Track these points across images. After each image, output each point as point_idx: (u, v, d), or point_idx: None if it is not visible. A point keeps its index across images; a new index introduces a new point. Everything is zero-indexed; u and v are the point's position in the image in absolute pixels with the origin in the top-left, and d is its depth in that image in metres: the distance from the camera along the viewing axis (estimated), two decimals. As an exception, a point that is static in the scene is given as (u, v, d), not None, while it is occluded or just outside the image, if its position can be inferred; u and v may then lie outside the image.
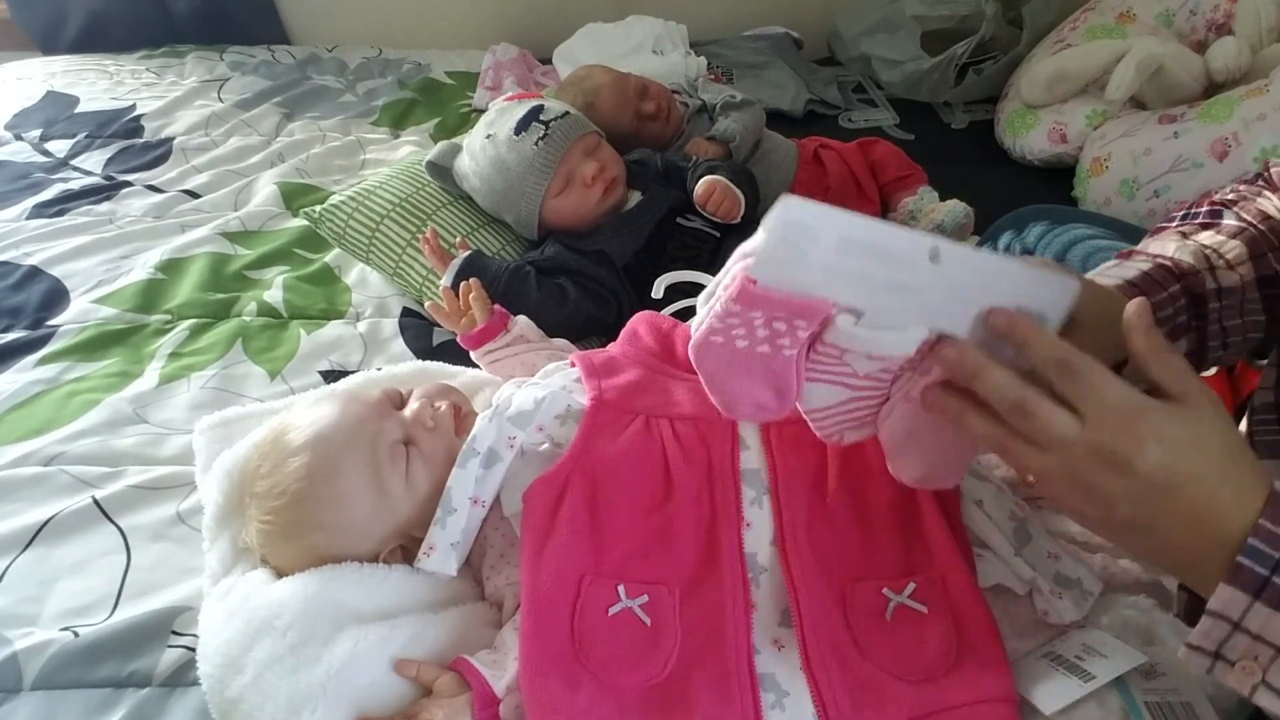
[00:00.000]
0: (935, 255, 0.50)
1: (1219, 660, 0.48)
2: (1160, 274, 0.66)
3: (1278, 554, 0.46)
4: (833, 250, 0.49)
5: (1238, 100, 1.29)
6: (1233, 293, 0.66)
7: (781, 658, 0.61)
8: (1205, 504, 0.48)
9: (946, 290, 0.52)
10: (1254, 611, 0.46)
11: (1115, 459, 0.48)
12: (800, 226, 0.48)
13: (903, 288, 0.51)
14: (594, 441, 0.68)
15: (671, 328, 0.80)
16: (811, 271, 0.50)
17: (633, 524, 0.65)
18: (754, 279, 0.49)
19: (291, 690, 0.60)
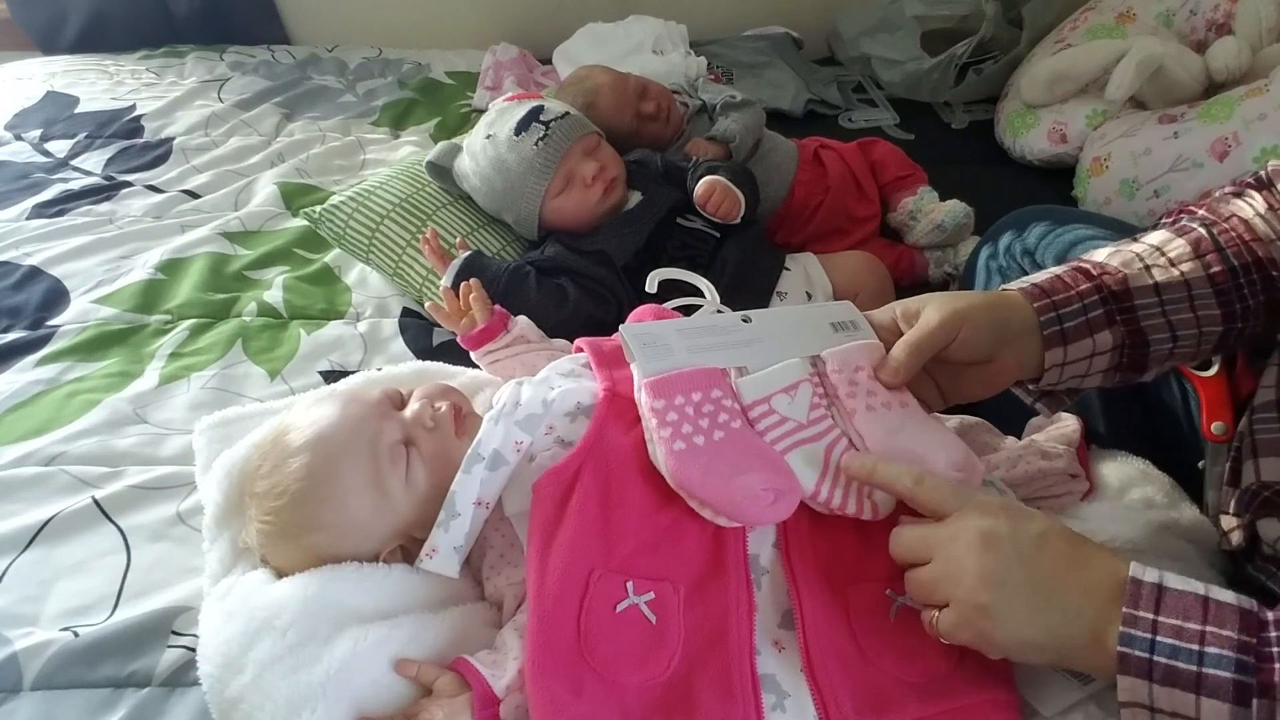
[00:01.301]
0: (746, 319, 0.71)
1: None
2: (1071, 275, 0.70)
3: (1147, 635, 0.49)
4: (679, 338, 0.67)
5: (1238, 100, 1.29)
6: (1175, 287, 0.68)
7: (783, 659, 0.61)
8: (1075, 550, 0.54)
9: (776, 333, 0.70)
10: (1156, 692, 0.48)
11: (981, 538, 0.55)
12: (646, 334, 0.66)
13: (746, 342, 0.69)
14: (607, 433, 0.67)
15: None
16: (681, 356, 0.66)
17: (642, 519, 0.64)
18: (645, 377, 0.64)
19: (291, 690, 0.59)
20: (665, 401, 0.61)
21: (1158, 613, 0.49)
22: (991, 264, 1.02)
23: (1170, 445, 0.84)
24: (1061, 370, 0.68)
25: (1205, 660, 0.47)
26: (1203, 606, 0.49)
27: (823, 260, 1.18)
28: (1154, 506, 0.71)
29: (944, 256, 1.29)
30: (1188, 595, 0.49)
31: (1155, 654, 0.48)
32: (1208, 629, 0.48)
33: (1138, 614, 0.49)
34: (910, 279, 1.29)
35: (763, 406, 0.66)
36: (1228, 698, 0.46)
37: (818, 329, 0.71)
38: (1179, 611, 0.49)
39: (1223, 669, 0.47)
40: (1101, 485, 0.75)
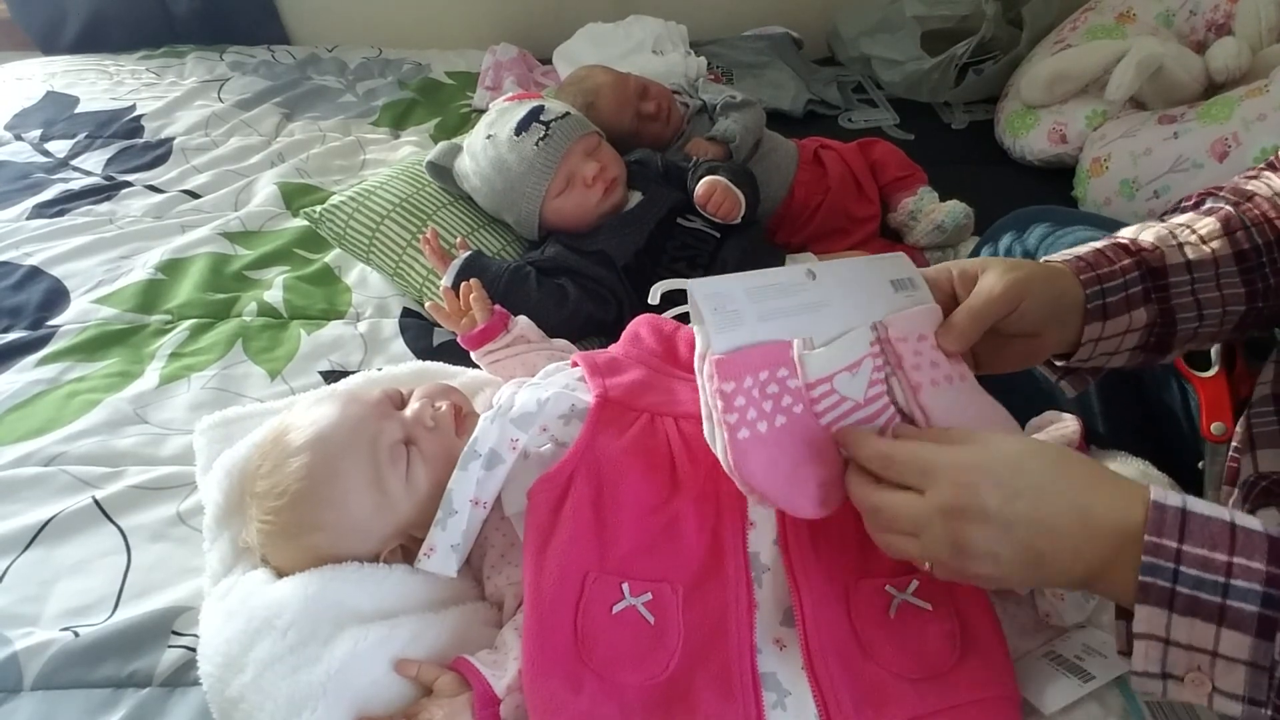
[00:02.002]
0: (811, 274, 0.64)
1: (1168, 679, 0.49)
2: (1113, 250, 0.68)
3: (1171, 564, 0.47)
4: (748, 300, 0.61)
5: (1238, 100, 1.29)
6: (1205, 265, 0.68)
7: (783, 657, 0.61)
8: (1078, 510, 0.50)
9: (840, 294, 0.64)
10: (1175, 624, 0.47)
11: (967, 511, 0.51)
12: (716, 295, 0.60)
13: (813, 306, 0.63)
14: (599, 438, 0.68)
15: (674, 330, 0.80)
16: (750, 324, 0.60)
17: (637, 521, 0.65)
18: (718, 355, 0.58)
19: (292, 690, 0.60)
20: (735, 384, 0.57)
21: (1182, 540, 0.47)
22: (992, 264, 1.01)
23: (1170, 445, 0.84)
24: (1095, 346, 0.67)
25: (1231, 592, 0.46)
26: (1230, 534, 0.47)
27: (823, 260, 1.18)
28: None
29: (944, 257, 1.29)
30: (1215, 521, 0.47)
31: (1178, 584, 0.46)
32: (1235, 560, 0.46)
33: (1161, 542, 0.47)
34: (910, 279, 1.29)
35: (824, 386, 0.61)
36: (1250, 630, 0.45)
37: (879, 287, 0.66)
38: (1205, 540, 0.47)
39: (1248, 602, 0.45)
40: (1102, 485, 0.75)
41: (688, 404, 0.71)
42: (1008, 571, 0.51)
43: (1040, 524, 0.50)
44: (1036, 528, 0.50)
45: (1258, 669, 0.46)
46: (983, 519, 0.50)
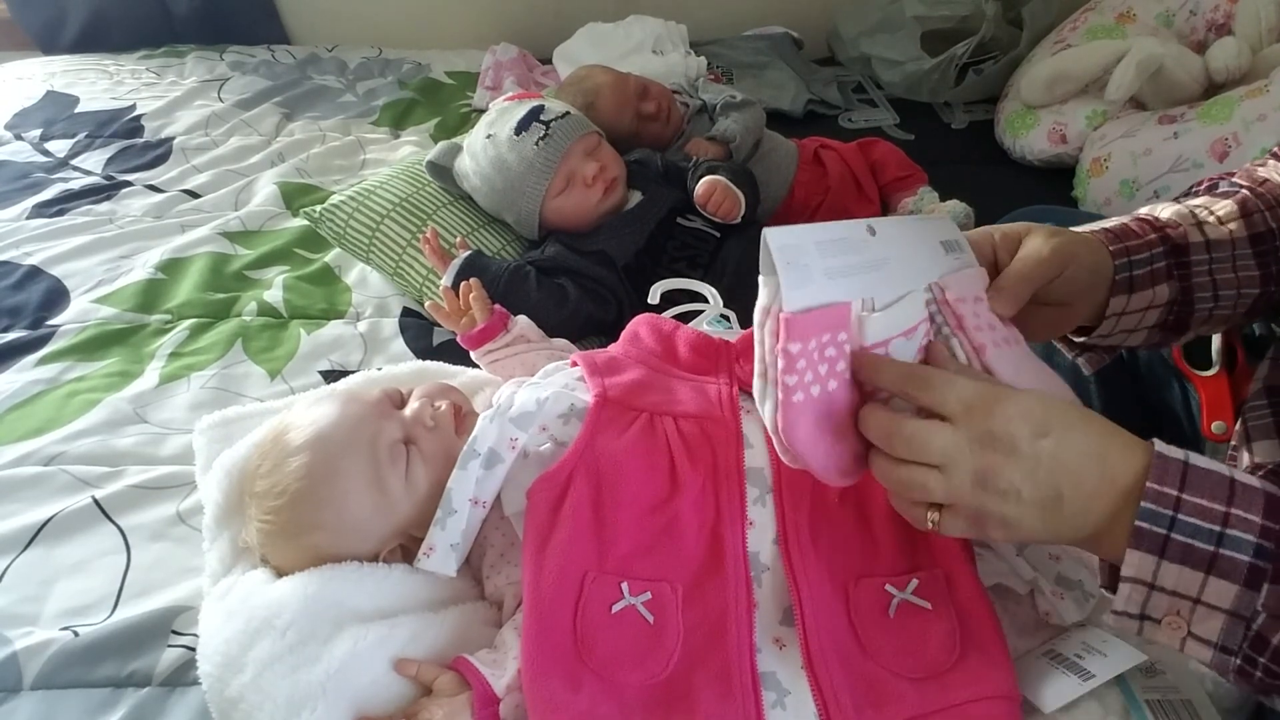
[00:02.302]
0: (871, 229, 0.60)
1: (1145, 620, 0.50)
2: (1138, 224, 0.69)
3: (1170, 511, 0.47)
4: (818, 254, 0.56)
5: (1238, 100, 1.29)
6: (1223, 245, 0.68)
7: (783, 656, 0.61)
8: (1098, 455, 0.51)
9: (899, 252, 0.60)
10: (1163, 570, 0.48)
11: (999, 442, 0.50)
12: (789, 248, 0.55)
13: (876, 264, 0.59)
14: (598, 437, 0.67)
15: (673, 330, 0.80)
16: (818, 281, 0.55)
17: (636, 521, 0.65)
18: (789, 313, 0.53)
19: (291, 689, 0.59)
20: (801, 345, 0.53)
21: (1183, 490, 0.48)
22: (992, 264, 1.01)
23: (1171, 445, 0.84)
24: (1118, 320, 0.67)
25: (1225, 541, 0.46)
26: (1229, 487, 0.47)
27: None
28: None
29: (944, 256, 1.29)
30: (1214, 474, 0.48)
31: (1174, 531, 0.47)
32: (1233, 510, 0.47)
33: (1163, 490, 0.48)
34: (910, 279, 1.29)
35: (881, 350, 0.58)
36: (1239, 579, 0.46)
37: (932, 248, 0.63)
38: (1204, 491, 0.48)
39: (1241, 551, 0.46)
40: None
41: (687, 403, 0.71)
42: (1025, 514, 0.50)
43: (1064, 465, 0.50)
44: (1061, 468, 0.50)
45: (1236, 618, 0.47)
46: (1012, 451, 0.50)
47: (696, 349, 0.76)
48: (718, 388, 0.73)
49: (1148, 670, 0.60)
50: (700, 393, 0.72)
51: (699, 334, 0.78)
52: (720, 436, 0.69)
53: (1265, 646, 0.46)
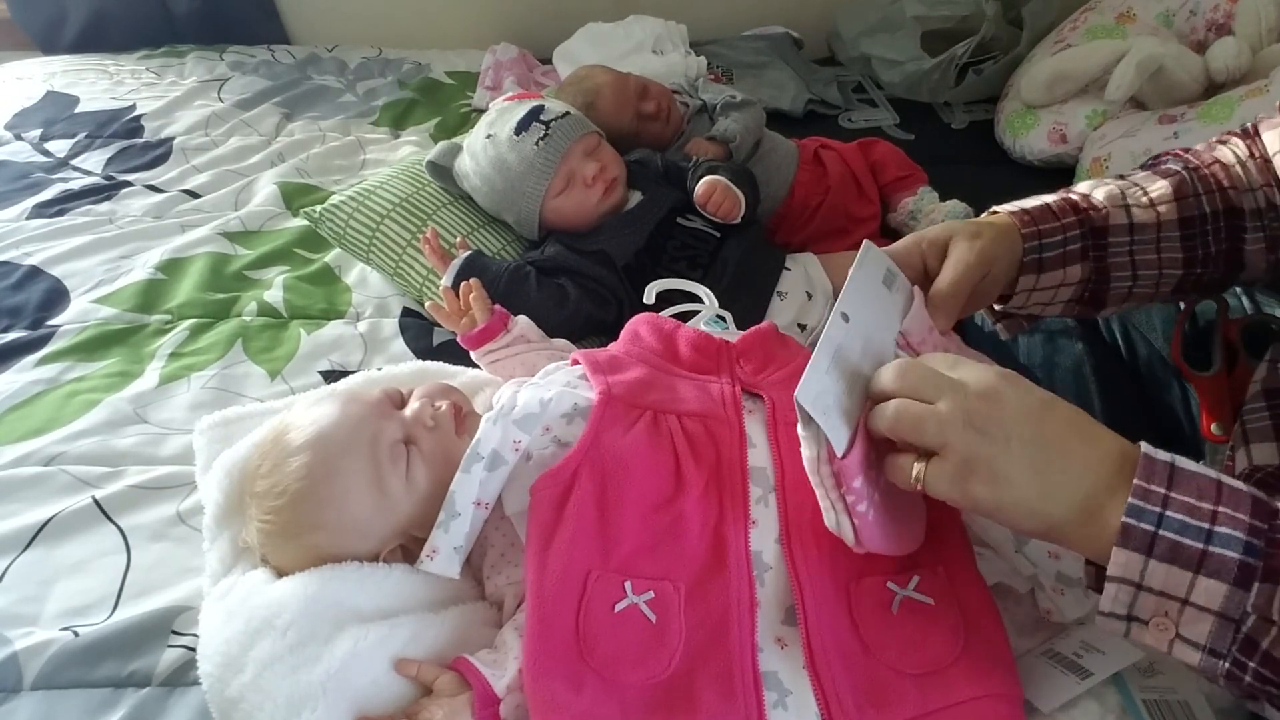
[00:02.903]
0: (845, 316, 0.60)
1: (1132, 622, 0.49)
2: (1060, 204, 0.71)
3: (1157, 508, 0.47)
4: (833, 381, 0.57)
5: (1238, 100, 1.29)
6: (1147, 228, 0.70)
7: (785, 656, 0.61)
8: (1080, 427, 0.52)
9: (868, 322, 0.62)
10: (1151, 569, 0.47)
11: (990, 392, 0.52)
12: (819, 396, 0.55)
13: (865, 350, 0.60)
14: (603, 435, 0.67)
15: (674, 329, 0.80)
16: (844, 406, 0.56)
17: (640, 519, 0.65)
18: (841, 460, 0.55)
19: (291, 690, 0.59)
20: (860, 480, 0.56)
21: (1170, 489, 0.48)
22: (992, 264, 1.02)
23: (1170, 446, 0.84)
24: (1029, 295, 0.71)
25: (1213, 539, 0.46)
26: (1216, 488, 0.47)
27: (823, 260, 1.18)
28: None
29: (944, 256, 1.29)
30: (1201, 475, 0.48)
31: (1162, 528, 0.47)
32: (1221, 509, 0.46)
33: (1150, 487, 0.48)
34: (910, 279, 1.29)
35: None
36: (1229, 578, 0.46)
37: (882, 296, 0.67)
38: (1192, 490, 0.47)
39: (1230, 549, 0.46)
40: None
41: (691, 402, 0.71)
42: (1013, 468, 0.50)
43: (1051, 427, 0.51)
44: (1048, 429, 0.51)
45: (1225, 620, 0.46)
46: (1001, 401, 0.52)
47: (698, 348, 0.76)
48: (720, 387, 0.73)
49: (1145, 670, 0.60)
50: (703, 391, 0.72)
51: (700, 333, 0.78)
52: (724, 435, 0.69)
53: (1254, 650, 0.46)
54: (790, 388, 0.56)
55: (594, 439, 0.67)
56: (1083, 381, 0.88)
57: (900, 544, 0.61)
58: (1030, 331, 0.94)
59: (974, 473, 0.51)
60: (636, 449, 0.67)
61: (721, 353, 0.76)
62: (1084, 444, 0.51)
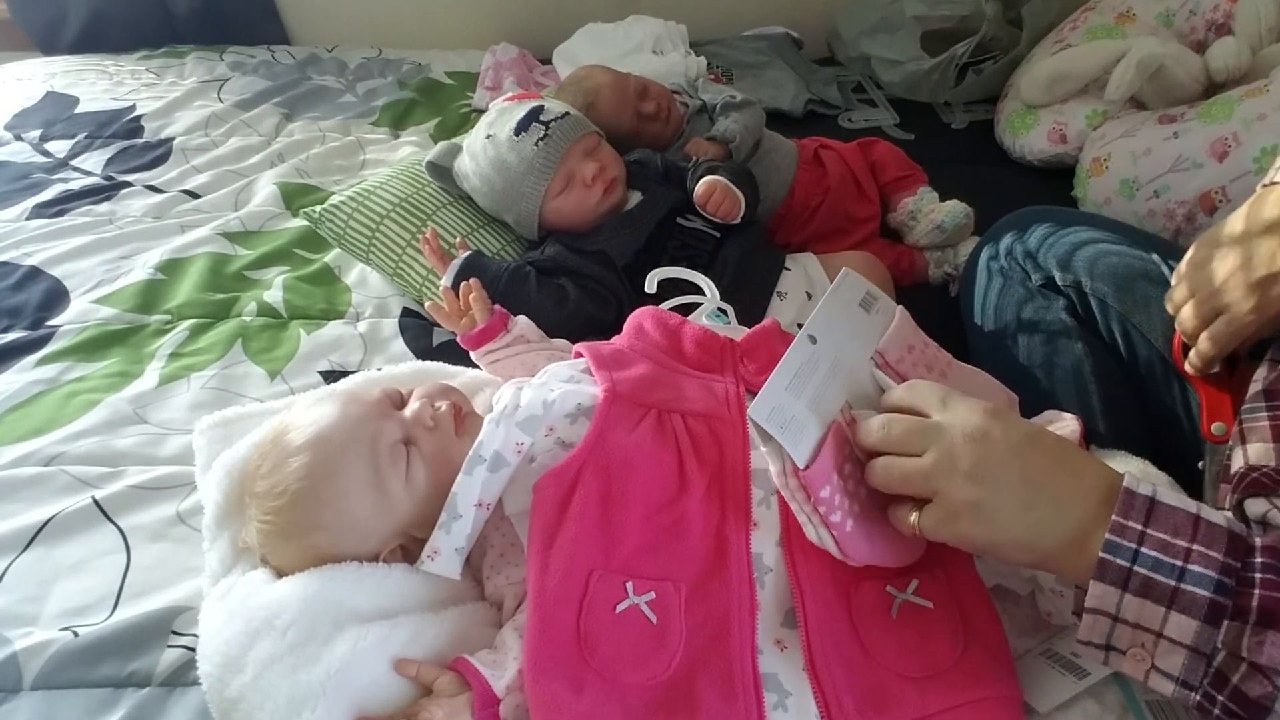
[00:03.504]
0: (811, 338, 0.64)
1: (1111, 651, 0.51)
2: None
3: (1133, 544, 0.49)
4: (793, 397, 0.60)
5: (1238, 100, 1.29)
6: None
7: (785, 658, 0.61)
8: (1063, 458, 0.54)
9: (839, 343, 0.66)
10: (1126, 602, 0.49)
11: (976, 433, 0.54)
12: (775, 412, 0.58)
13: (832, 369, 0.64)
14: (608, 434, 0.67)
15: (679, 325, 0.79)
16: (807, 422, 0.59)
17: (644, 519, 0.64)
18: (804, 470, 0.58)
19: (291, 690, 0.59)
20: (828, 489, 0.58)
21: (1147, 525, 0.49)
22: (992, 265, 1.02)
23: (1170, 445, 0.84)
24: None
25: (1186, 576, 0.47)
26: (1193, 525, 0.49)
27: (823, 260, 1.18)
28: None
29: (944, 257, 1.29)
30: (1179, 512, 0.49)
31: (1136, 564, 0.48)
32: (1195, 547, 0.48)
33: (1127, 524, 0.49)
34: (910, 279, 1.29)
35: None
36: (1199, 615, 0.47)
37: (857, 318, 0.70)
38: (1169, 527, 0.49)
39: (1201, 587, 0.47)
40: (1101, 485, 0.75)
41: (695, 402, 0.71)
42: (1001, 504, 0.53)
43: (1036, 460, 0.54)
44: (1034, 462, 0.53)
45: (1197, 654, 0.47)
46: (988, 441, 0.54)
47: (702, 346, 0.76)
48: (724, 387, 0.73)
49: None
50: (708, 391, 0.72)
51: (705, 330, 0.77)
52: (727, 437, 0.69)
53: (1224, 684, 0.47)
54: None
55: (598, 438, 0.67)
56: (1083, 382, 0.88)
57: (892, 557, 0.62)
58: (1029, 332, 0.94)
59: (964, 516, 0.53)
60: (641, 448, 0.67)
61: (726, 351, 0.76)
62: (1070, 477, 0.53)
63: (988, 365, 0.97)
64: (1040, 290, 0.95)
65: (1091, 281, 0.90)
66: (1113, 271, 0.89)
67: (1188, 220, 1.27)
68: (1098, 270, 0.90)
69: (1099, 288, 0.89)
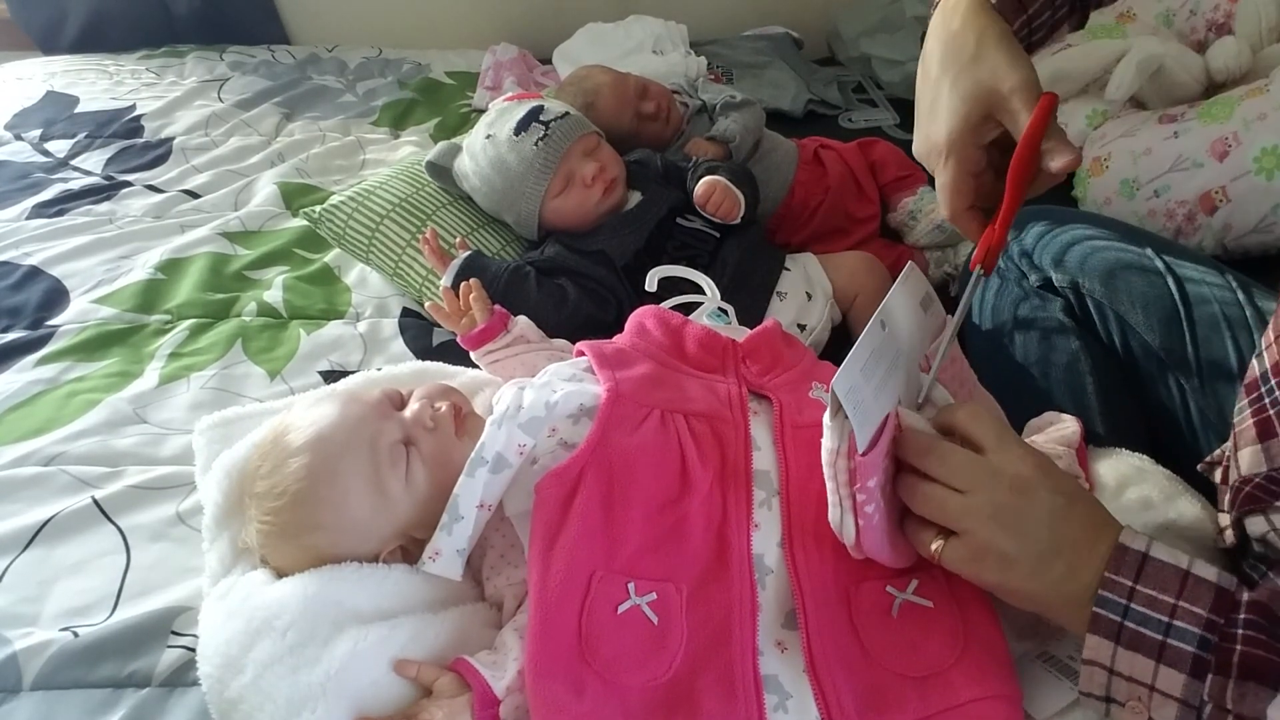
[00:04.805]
0: (882, 324, 0.62)
1: (1111, 703, 0.53)
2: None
3: (1124, 600, 0.51)
4: (865, 380, 0.59)
5: (1238, 100, 1.28)
6: None
7: (785, 660, 0.61)
8: (1097, 515, 0.56)
9: (904, 334, 0.65)
10: (1120, 655, 0.51)
11: (1021, 483, 0.56)
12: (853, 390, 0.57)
13: (896, 360, 0.63)
14: (611, 434, 0.67)
15: (681, 324, 0.79)
16: (873, 408, 0.59)
17: (646, 520, 0.64)
18: (861, 455, 0.57)
19: (291, 690, 0.59)
20: (875, 479, 0.58)
21: (1137, 581, 0.51)
22: (991, 264, 1.02)
23: (1169, 445, 0.84)
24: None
25: (1171, 632, 0.49)
26: (1181, 581, 0.51)
27: (823, 260, 1.18)
28: (1151, 507, 0.71)
29: (944, 257, 1.29)
30: (1169, 568, 0.51)
31: (1127, 619, 0.50)
32: (1180, 603, 0.50)
33: (1118, 579, 0.51)
34: (910, 279, 1.29)
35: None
36: (1185, 669, 0.49)
37: (918, 316, 0.69)
38: (1158, 583, 0.51)
39: (1186, 643, 0.49)
40: (1099, 485, 0.75)
41: (698, 402, 0.71)
42: (1023, 556, 0.55)
43: (1067, 526, 0.55)
44: (1064, 527, 0.55)
45: (1187, 706, 0.49)
46: (1030, 495, 0.55)
47: (705, 346, 0.76)
48: (727, 387, 0.73)
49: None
50: (710, 391, 0.72)
51: (707, 330, 0.77)
52: (729, 438, 0.69)
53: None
54: (798, 390, 0.57)
55: (601, 437, 0.67)
56: (1079, 379, 0.88)
57: (896, 556, 0.62)
58: (1026, 330, 0.94)
59: (988, 561, 0.56)
60: (644, 448, 0.67)
61: (728, 352, 0.76)
62: (1092, 543, 0.55)
63: (986, 364, 0.98)
64: (1037, 290, 0.95)
65: (1085, 280, 0.90)
66: (1102, 265, 0.89)
67: (1188, 220, 1.27)
68: (1088, 266, 0.90)
69: (1091, 285, 0.89)
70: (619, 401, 0.69)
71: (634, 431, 0.68)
